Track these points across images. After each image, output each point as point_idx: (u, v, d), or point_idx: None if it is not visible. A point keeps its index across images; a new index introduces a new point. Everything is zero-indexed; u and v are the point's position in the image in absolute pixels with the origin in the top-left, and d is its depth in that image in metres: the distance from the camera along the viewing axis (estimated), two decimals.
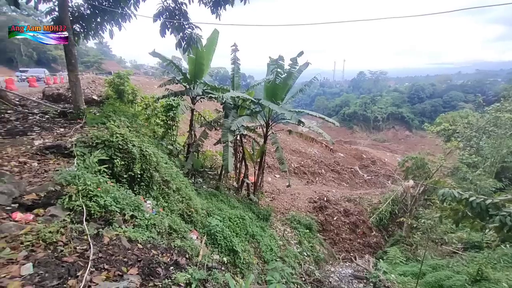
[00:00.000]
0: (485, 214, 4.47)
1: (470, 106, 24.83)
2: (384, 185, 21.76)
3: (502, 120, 13.50)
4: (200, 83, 9.29)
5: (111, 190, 3.87)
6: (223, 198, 9.66)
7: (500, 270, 8.06)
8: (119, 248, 2.85)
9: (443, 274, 8.64)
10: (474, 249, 10.69)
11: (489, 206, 4.39)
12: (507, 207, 4.39)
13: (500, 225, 4.31)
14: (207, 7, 6.45)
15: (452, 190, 4.85)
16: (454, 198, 4.73)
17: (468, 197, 4.59)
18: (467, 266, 8.72)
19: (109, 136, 4.97)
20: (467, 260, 9.36)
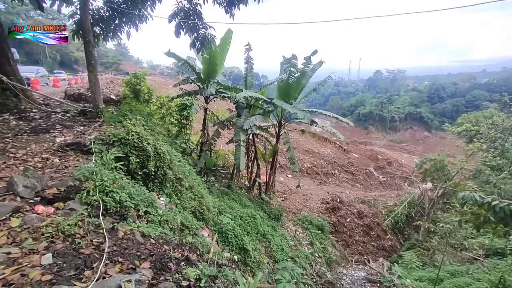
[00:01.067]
0: (509, 220, 4.23)
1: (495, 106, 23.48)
2: (401, 187, 21.10)
3: None
4: (214, 83, 9.40)
5: (126, 186, 4.01)
6: (235, 196, 9.72)
7: None
8: (133, 242, 2.95)
9: (462, 281, 8.26)
10: (497, 256, 10.13)
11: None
12: None
13: None
14: (221, 7, 6.52)
15: (473, 194, 4.62)
16: (476, 201, 4.51)
17: (490, 201, 4.37)
18: (488, 273, 8.29)
19: (125, 134, 5.14)
20: (488, 267, 8.90)
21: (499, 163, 13.38)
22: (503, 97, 19.58)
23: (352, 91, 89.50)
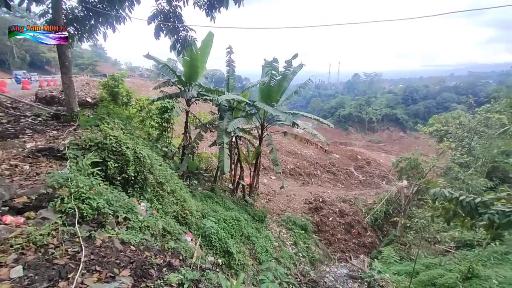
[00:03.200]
0: (474, 213, 4.56)
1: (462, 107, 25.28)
2: (379, 186, 21.97)
3: (492, 121, 13.79)
4: (195, 85, 9.31)
5: (104, 192, 3.87)
6: (218, 200, 9.65)
7: (490, 267, 8.21)
8: (112, 250, 2.85)
9: (436, 273, 8.75)
10: (466, 247, 10.85)
11: (478, 205, 4.48)
12: (496, 205, 4.49)
13: (489, 223, 4.40)
14: (202, 10, 6.49)
15: (443, 190, 4.93)
16: (445, 197, 4.82)
17: (458, 196, 4.68)
18: (459, 264, 8.84)
19: (102, 139, 4.97)
20: (459, 258, 9.50)
21: (467, 161, 14.37)
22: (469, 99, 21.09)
23: (332, 94, 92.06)
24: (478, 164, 14.59)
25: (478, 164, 14.59)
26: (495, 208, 4.36)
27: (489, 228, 4.67)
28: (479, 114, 15.34)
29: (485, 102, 20.36)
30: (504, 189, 4.89)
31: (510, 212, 4.07)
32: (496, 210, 4.30)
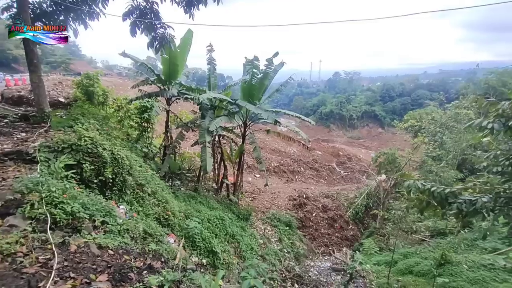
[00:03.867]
0: (445, 202, 4.85)
1: (434, 104, 26.75)
2: (360, 180, 22.73)
3: (461, 116, 14.73)
4: (176, 84, 9.12)
5: (79, 196, 3.71)
6: (202, 199, 9.56)
7: (460, 253, 8.79)
8: (88, 256, 2.74)
9: (413, 261, 9.24)
10: (440, 235, 11.55)
11: (448, 195, 4.77)
12: (463, 195, 4.81)
13: (457, 211, 4.71)
14: (180, 7, 6.35)
15: (416, 182, 5.20)
16: (418, 189, 5.08)
17: (430, 188, 4.95)
18: (433, 252, 9.39)
19: (76, 140, 4.75)
20: (433, 247, 10.09)
21: (439, 154, 15.25)
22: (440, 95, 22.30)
23: (314, 92, 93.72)
24: (449, 157, 15.53)
25: (449, 157, 15.53)
26: (462, 198, 4.66)
27: (458, 216, 4.99)
28: (449, 110, 16.31)
29: (455, 98, 21.68)
30: (471, 180, 5.25)
31: (476, 201, 4.37)
32: (464, 200, 4.59)
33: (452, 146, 15.16)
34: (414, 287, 7.81)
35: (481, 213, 4.37)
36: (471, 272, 7.57)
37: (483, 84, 30.94)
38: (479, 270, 7.61)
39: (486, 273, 7.45)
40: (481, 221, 4.98)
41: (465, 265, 7.77)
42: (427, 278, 8.07)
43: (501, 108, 4.00)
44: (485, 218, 4.50)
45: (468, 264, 7.78)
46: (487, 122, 3.98)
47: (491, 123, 3.92)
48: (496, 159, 4.71)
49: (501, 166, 4.57)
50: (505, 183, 4.58)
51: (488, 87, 26.61)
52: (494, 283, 7.06)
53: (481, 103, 4.43)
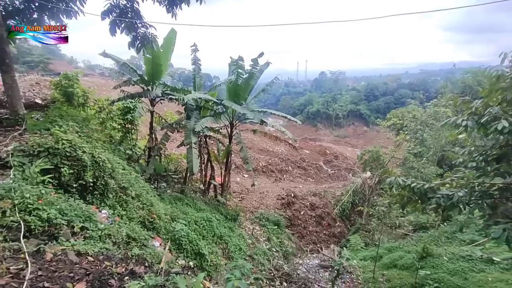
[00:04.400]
0: (424, 198, 5.04)
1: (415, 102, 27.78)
2: (346, 178, 23.18)
3: (439, 114, 15.37)
4: (159, 84, 8.94)
5: (56, 201, 3.57)
6: (189, 201, 9.43)
7: (441, 246, 9.16)
8: (65, 264, 2.64)
9: (397, 255, 9.54)
10: (422, 229, 11.98)
11: (427, 190, 4.96)
12: (442, 190, 5.01)
13: (436, 206, 4.90)
14: (162, 6, 6.23)
15: (397, 178, 5.37)
16: (399, 185, 5.25)
17: (410, 184, 5.13)
18: (416, 245, 9.73)
19: (53, 143, 4.57)
20: (416, 240, 10.45)
21: (420, 151, 15.82)
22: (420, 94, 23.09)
23: (301, 91, 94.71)
24: (429, 153, 16.14)
25: (429, 153, 16.14)
26: (440, 193, 4.86)
27: (436, 211, 5.20)
28: (429, 108, 16.96)
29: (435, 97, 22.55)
30: (448, 175, 5.47)
31: (452, 195, 4.57)
32: (442, 194, 4.79)
33: (432, 143, 15.79)
34: (398, 280, 8.06)
35: (457, 207, 4.57)
36: (451, 263, 7.90)
37: (460, 84, 32.44)
38: (458, 262, 7.96)
39: (464, 264, 7.80)
40: (458, 215, 5.20)
41: (445, 257, 8.11)
42: (410, 271, 8.35)
43: (474, 106, 4.20)
44: (461, 211, 4.71)
45: (448, 256, 8.12)
46: (461, 120, 4.16)
47: (465, 120, 4.11)
48: (470, 155, 4.94)
49: (476, 161, 4.80)
50: (480, 177, 4.82)
51: (465, 86, 27.92)
52: (472, 273, 7.40)
53: (456, 101, 4.63)
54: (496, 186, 4.62)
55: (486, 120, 3.86)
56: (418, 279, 7.42)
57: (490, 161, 4.43)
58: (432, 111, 16.21)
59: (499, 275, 6.93)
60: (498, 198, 4.59)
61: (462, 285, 6.88)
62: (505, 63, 4.34)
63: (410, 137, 16.13)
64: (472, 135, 5.29)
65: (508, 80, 3.88)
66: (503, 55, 4.28)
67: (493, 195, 4.60)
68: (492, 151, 4.37)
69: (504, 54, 4.28)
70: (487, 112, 3.92)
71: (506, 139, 4.12)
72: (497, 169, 4.52)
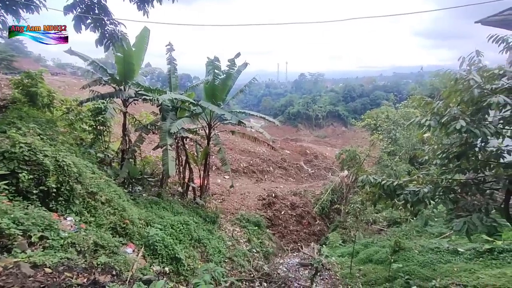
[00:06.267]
0: (393, 194, 5.26)
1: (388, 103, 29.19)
2: (326, 177, 23.74)
3: (409, 114, 16.23)
4: (132, 84, 8.61)
5: (10, 210, 3.29)
6: (166, 205, 9.15)
7: (412, 239, 9.64)
8: (16, 277, 2.44)
9: (372, 250, 9.89)
10: (396, 225, 12.53)
11: (396, 187, 5.18)
12: (409, 187, 5.26)
13: (404, 202, 5.13)
14: (132, 3, 5.99)
15: (369, 176, 5.56)
16: (371, 183, 5.45)
17: (381, 181, 5.34)
18: (389, 240, 10.15)
19: (9, 147, 4.22)
20: (389, 235, 10.91)
21: (393, 150, 16.60)
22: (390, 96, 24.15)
23: (282, 92, 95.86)
24: (402, 152, 16.97)
25: (402, 152, 16.97)
26: (408, 189, 5.09)
27: (405, 206, 5.44)
28: (400, 109, 17.86)
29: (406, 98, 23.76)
30: (415, 172, 5.76)
31: (419, 191, 4.81)
32: (409, 191, 5.03)
33: (404, 142, 16.63)
34: (373, 275, 8.35)
35: (423, 202, 4.82)
36: (421, 256, 8.32)
37: (428, 86, 34.58)
38: (427, 254, 8.40)
39: (433, 256, 8.25)
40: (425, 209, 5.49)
41: (416, 250, 8.52)
42: (384, 264, 8.69)
43: (436, 107, 4.46)
44: (426, 206, 4.97)
45: (418, 249, 8.55)
46: (425, 119, 4.39)
47: (428, 120, 4.34)
48: (434, 153, 5.24)
49: (440, 159, 5.09)
50: (443, 174, 5.11)
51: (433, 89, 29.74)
52: (440, 264, 7.85)
53: (419, 102, 4.88)
54: (457, 181, 4.93)
55: (446, 120, 4.09)
56: (391, 272, 7.74)
57: (452, 158, 4.71)
58: (403, 112, 17.09)
59: (463, 265, 7.40)
60: (459, 193, 4.89)
61: (431, 276, 7.27)
62: (463, 67, 4.66)
63: (383, 137, 16.88)
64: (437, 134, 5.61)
65: (465, 83, 4.15)
66: (461, 59, 4.60)
67: (455, 191, 4.90)
68: (453, 149, 4.65)
69: (462, 58, 4.60)
70: (447, 112, 4.16)
71: (465, 137, 4.40)
72: (458, 166, 4.82)
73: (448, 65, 67.08)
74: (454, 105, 4.39)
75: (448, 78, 4.74)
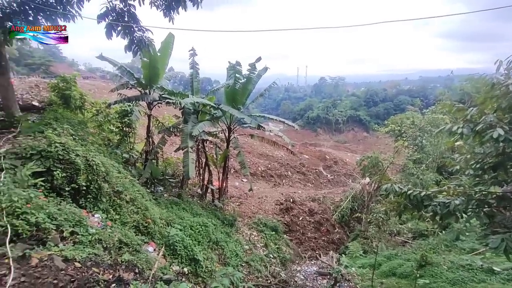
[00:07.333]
0: (420, 205, 4.96)
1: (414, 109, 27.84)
2: (345, 184, 23.04)
3: (438, 121, 15.33)
4: (157, 88, 8.96)
5: (46, 205, 3.51)
6: (186, 206, 9.35)
7: (440, 254, 9.03)
8: (50, 270, 2.58)
9: (396, 263, 9.40)
10: (422, 237, 11.83)
11: (423, 198, 4.89)
12: (438, 198, 4.95)
13: (433, 214, 4.83)
14: (159, 10, 6.26)
15: (393, 185, 5.30)
16: (396, 192, 5.19)
17: (406, 191, 5.07)
18: (415, 253, 9.59)
19: (46, 146, 4.53)
20: (415, 248, 10.30)
21: (419, 157, 15.74)
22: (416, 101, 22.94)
23: (301, 96, 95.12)
24: (429, 160, 16.05)
25: (429, 160, 16.05)
26: (437, 200, 4.78)
27: (433, 219, 5.11)
28: (427, 115, 16.96)
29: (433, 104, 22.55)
30: (445, 183, 5.42)
31: (449, 203, 4.50)
32: (438, 202, 4.72)
33: (431, 150, 15.72)
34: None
35: (454, 215, 4.50)
36: (450, 272, 7.77)
37: (459, 91, 32.51)
38: (458, 271, 7.82)
39: (464, 273, 7.66)
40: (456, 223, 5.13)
41: (444, 266, 7.98)
42: (409, 279, 8.22)
43: (469, 114, 4.17)
44: (458, 219, 4.64)
45: (447, 265, 7.99)
46: (456, 127, 4.12)
47: (460, 128, 4.07)
48: (467, 163, 4.89)
49: (473, 169, 4.75)
50: (477, 185, 4.76)
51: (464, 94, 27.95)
52: (472, 283, 7.26)
53: (450, 108, 4.60)
54: (493, 194, 4.56)
55: (481, 128, 3.82)
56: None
57: (487, 169, 4.38)
58: (430, 118, 16.19)
59: (500, 286, 6.80)
60: (495, 207, 4.52)
61: None
62: (500, 71, 4.33)
63: (409, 143, 16.08)
64: (469, 143, 5.24)
65: (503, 88, 3.85)
66: (498, 62, 4.27)
67: (491, 204, 4.53)
68: (489, 159, 4.32)
69: (499, 61, 4.27)
70: (482, 120, 3.88)
71: (502, 147, 4.07)
72: (495, 177, 4.46)
73: (480, 68, 62.31)
74: (490, 112, 4.09)
75: (482, 83, 4.43)
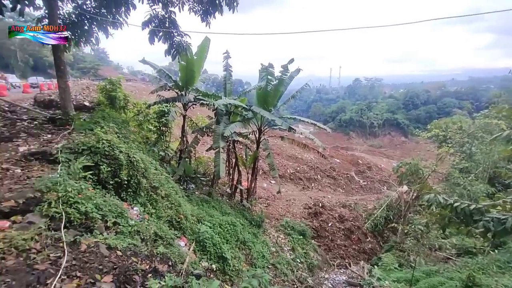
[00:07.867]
0: (469, 220, 4.47)
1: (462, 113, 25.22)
2: (380, 191, 21.73)
3: (491, 126, 13.71)
4: (192, 90, 9.37)
5: (93, 196, 3.85)
6: (215, 204, 9.60)
7: (491, 276, 8.03)
8: (96, 256, 2.82)
9: (436, 280, 8.58)
10: (468, 254, 10.64)
11: (473, 212, 4.40)
12: (491, 213, 4.41)
13: (484, 230, 4.31)
14: (197, 16, 6.55)
15: (437, 196, 4.86)
16: (440, 203, 4.74)
17: (453, 203, 4.60)
18: (460, 272, 8.67)
19: (95, 142, 4.97)
20: (460, 266, 9.32)
21: (467, 166, 14.24)
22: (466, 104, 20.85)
23: (333, 98, 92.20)
24: (479, 169, 14.44)
25: (479, 169, 14.44)
26: (490, 215, 4.27)
27: (485, 236, 4.58)
28: (478, 120, 15.27)
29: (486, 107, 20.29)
30: (500, 196, 4.82)
31: (505, 219, 3.99)
32: (491, 217, 4.21)
33: (482, 158, 14.09)
34: None
35: (511, 233, 3.98)
36: None
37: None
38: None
39: None
40: None
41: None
42: None
43: None
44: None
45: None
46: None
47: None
48: None
49: None
50: None
51: None
52: None
53: (508, 113, 4.08)
54: None
55: None
56: None
57: None
58: (482, 123, 14.53)
59: None
60: None
61: None
62: None
63: (455, 151, 14.61)
64: None
65: None
66: None
67: None
68: None
69: None
70: None
71: None
72: None
73: None
74: None
75: None
